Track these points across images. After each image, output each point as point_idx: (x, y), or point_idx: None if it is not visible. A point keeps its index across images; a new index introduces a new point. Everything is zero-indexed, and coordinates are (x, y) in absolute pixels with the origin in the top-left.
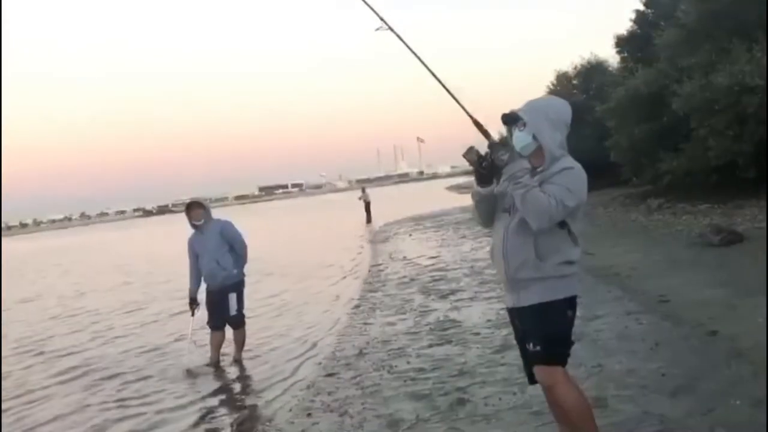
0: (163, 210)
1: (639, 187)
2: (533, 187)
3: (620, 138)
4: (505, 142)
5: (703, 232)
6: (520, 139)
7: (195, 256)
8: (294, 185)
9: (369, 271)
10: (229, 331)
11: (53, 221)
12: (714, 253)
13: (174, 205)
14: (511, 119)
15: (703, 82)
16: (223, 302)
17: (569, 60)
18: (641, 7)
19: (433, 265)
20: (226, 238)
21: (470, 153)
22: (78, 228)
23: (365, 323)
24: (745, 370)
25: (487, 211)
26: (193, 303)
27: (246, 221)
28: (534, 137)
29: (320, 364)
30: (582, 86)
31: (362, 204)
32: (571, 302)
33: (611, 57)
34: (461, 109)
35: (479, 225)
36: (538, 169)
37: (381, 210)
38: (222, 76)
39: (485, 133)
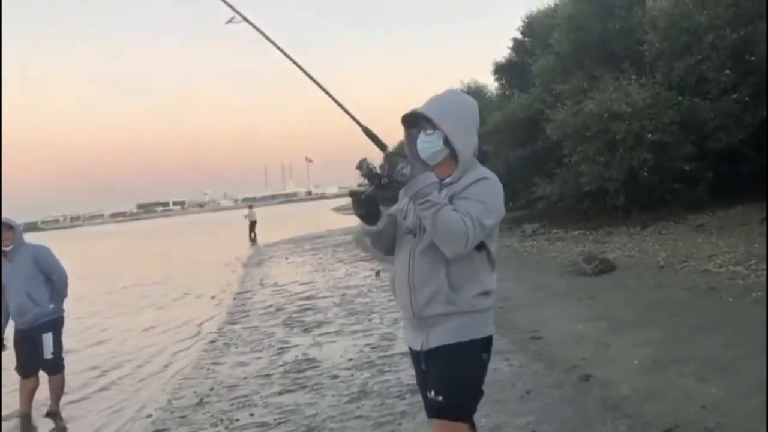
0: (32, 227)
1: (514, 212)
2: (444, 205)
3: (497, 162)
4: (403, 153)
5: (575, 260)
6: (428, 144)
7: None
8: (176, 203)
9: (234, 299)
10: (43, 377)
11: None
12: (587, 283)
13: (44, 222)
14: (414, 120)
15: (575, 109)
16: (35, 343)
17: (449, 84)
18: (519, 36)
19: (303, 292)
20: (41, 267)
21: (362, 167)
22: None
23: (215, 362)
24: (622, 426)
25: (387, 242)
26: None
27: (113, 242)
28: (445, 142)
29: (151, 416)
30: None
31: (245, 223)
32: (486, 343)
33: (490, 83)
34: (351, 123)
35: (379, 254)
36: (445, 181)
37: (263, 230)
38: (89, 83)
39: (375, 140)
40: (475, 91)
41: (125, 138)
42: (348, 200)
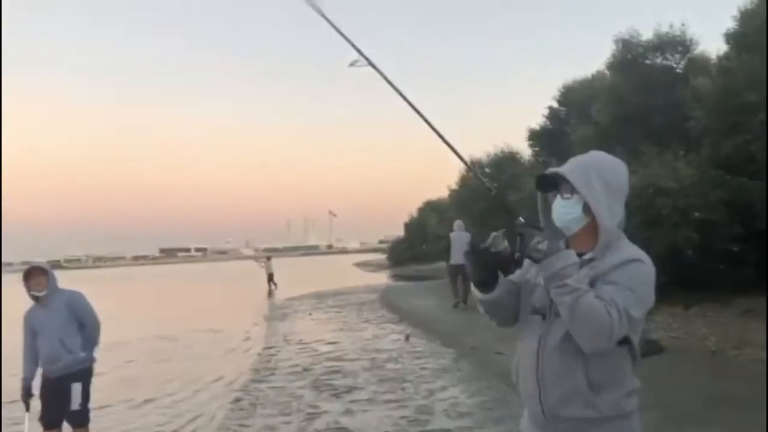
0: (51, 265)
1: None
2: (586, 291)
3: None
4: (537, 225)
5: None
6: (565, 210)
7: (32, 335)
8: (198, 249)
9: (259, 354)
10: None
11: None
12: None
13: (67, 261)
14: (551, 182)
15: None
16: (63, 393)
17: (482, 149)
18: (554, 104)
19: (330, 353)
20: (75, 314)
21: (497, 242)
22: None
23: (242, 424)
24: None
25: (503, 316)
26: (28, 394)
27: (136, 286)
28: (585, 209)
29: None
30: (494, 175)
31: (263, 272)
32: None
33: (524, 149)
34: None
35: (492, 323)
36: (586, 256)
37: (285, 282)
38: (118, 127)
39: (507, 207)
40: (508, 156)
41: (151, 181)
42: (369, 257)
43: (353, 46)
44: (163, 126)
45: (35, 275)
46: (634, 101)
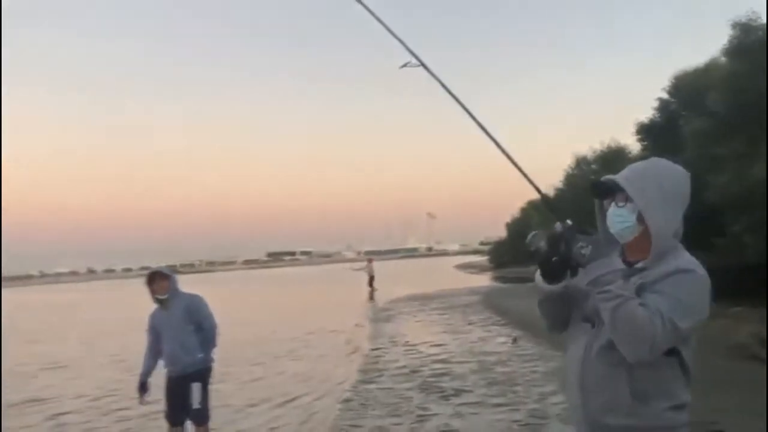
0: (171, 270)
1: None
2: (628, 299)
3: None
4: (584, 229)
5: (744, 342)
6: (619, 218)
7: (156, 336)
8: (303, 253)
9: (366, 356)
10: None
11: (59, 274)
12: (763, 371)
13: (182, 266)
14: (606, 189)
15: (738, 174)
16: (184, 392)
17: (587, 145)
18: (665, 96)
19: (436, 355)
20: (193, 316)
21: (536, 240)
22: (84, 283)
23: (353, 425)
24: None
25: (555, 315)
26: (143, 388)
27: (248, 288)
28: (639, 218)
29: None
30: (601, 171)
31: (364, 276)
32: None
33: (632, 144)
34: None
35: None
36: (638, 265)
37: (386, 285)
38: (229, 137)
39: (555, 210)
40: (615, 152)
41: (258, 187)
42: (470, 259)
43: (406, 47)
44: (260, 136)
45: (157, 280)
46: (755, 89)
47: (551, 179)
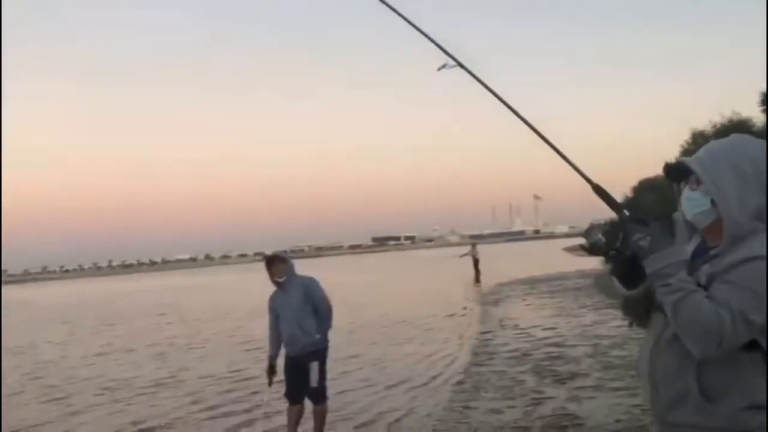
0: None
1: None
2: (691, 292)
3: None
4: (642, 219)
5: None
6: (692, 203)
7: (275, 317)
8: (407, 237)
9: (475, 339)
10: (308, 405)
11: (179, 261)
12: None
13: (292, 251)
14: (679, 172)
15: None
16: (303, 371)
17: (706, 119)
18: None
19: (548, 338)
20: (309, 298)
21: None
22: (201, 269)
23: (466, 406)
24: None
25: (640, 314)
26: (272, 371)
27: (355, 273)
28: (713, 202)
29: None
30: None
31: (470, 260)
32: None
33: (756, 116)
34: (572, 169)
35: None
36: (711, 252)
37: (493, 269)
38: (329, 123)
39: (609, 201)
40: (737, 125)
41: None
42: (580, 241)
43: (442, 49)
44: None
45: (276, 263)
46: None
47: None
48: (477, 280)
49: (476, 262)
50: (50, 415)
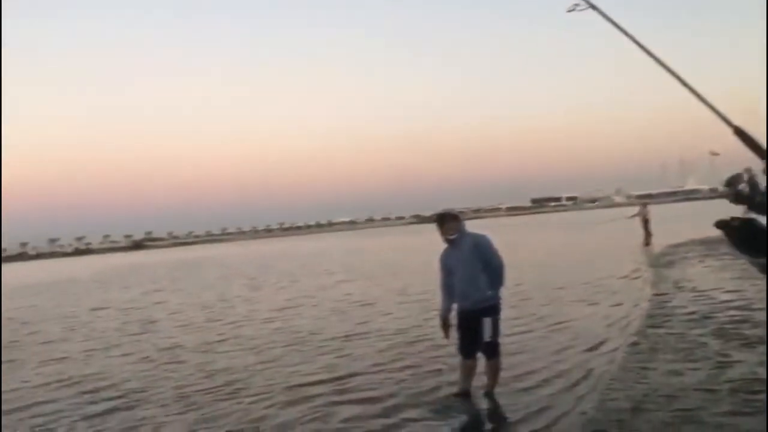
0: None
1: None
2: None
3: None
4: None
5: None
6: None
7: (448, 274)
8: (568, 198)
9: (650, 301)
10: (480, 360)
11: (332, 223)
12: None
13: None
14: None
15: None
16: (476, 327)
17: None
18: None
19: (731, 301)
20: (481, 254)
21: (736, 181)
22: (367, 230)
23: (644, 367)
24: None
25: None
26: (446, 325)
27: (516, 234)
28: None
29: (585, 414)
30: None
31: (638, 221)
32: None
33: None
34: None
35: None
36: None
37: (665, 230)
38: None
39: (752, 145)
40: None
41: (517, 134)
42: None
43: None
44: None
45: (448, 221)
46: None
47: None
48: (647, 242)
49: (646, 223)
50: (247, 361)
